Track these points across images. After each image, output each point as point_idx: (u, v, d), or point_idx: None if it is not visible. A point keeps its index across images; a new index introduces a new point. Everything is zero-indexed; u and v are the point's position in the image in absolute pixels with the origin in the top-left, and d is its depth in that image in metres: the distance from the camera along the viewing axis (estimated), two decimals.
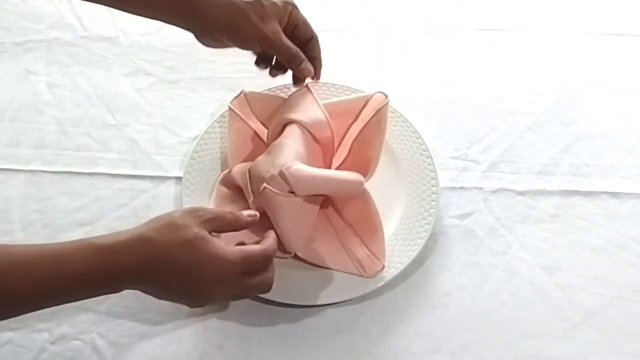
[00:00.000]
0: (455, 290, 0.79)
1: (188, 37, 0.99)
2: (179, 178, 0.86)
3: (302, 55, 0.81)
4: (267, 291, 0.72)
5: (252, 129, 0.86)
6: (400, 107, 0.88)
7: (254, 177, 0.77)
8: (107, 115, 0.92)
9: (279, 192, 0.75)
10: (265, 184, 0.75)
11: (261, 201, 0.77)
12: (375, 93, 0.84)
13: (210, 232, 0.69)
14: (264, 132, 0.86)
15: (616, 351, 0.75)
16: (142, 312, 0.78)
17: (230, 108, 0.86)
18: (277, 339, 0.76)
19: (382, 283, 0.77)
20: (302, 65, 0.81)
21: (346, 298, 0.77)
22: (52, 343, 0.76)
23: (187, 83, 0.95)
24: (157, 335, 0.77)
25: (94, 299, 0.77)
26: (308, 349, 0.76)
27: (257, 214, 0.74)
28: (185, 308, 0.77)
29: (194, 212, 0.69)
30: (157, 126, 0.91)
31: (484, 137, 0.90)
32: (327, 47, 0.85)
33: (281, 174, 0.74)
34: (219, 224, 0.70)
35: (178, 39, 0.99)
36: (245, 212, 0.74)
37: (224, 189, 0.82)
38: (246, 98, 0.86)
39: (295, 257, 0.79)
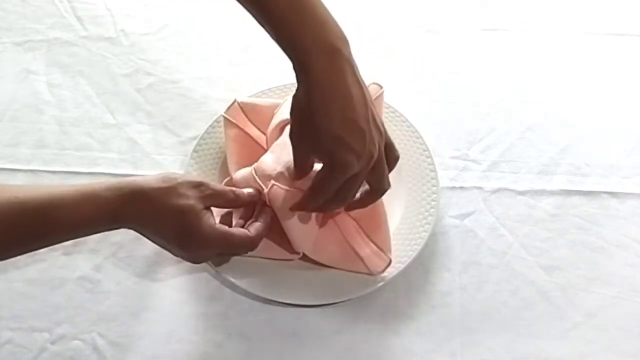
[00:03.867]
0: (455, 290, 0.79)
1: (188, 37, 0.99)
2: None
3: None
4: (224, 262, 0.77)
5: (249, 135, 0.85)
6: (400, 107, 0.88)
7: (260, 176, 0.77)
8: (107, 115, 0.92)
9: (288, 188, 0.75)
10: (273, 181, 0.75)
11: (269, 200, 0.76)
12: (370, 84, 0.85)
13: (208, 207, 0.72)
14: (261, 138, 0.85)
15: (616, 351, 0.76)
16: (142, 312, 0.78)
17: (224, 117, 0.85)
18: (277, 339, 0.76)
19: (382, 283, 0.77)
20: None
21: (346, 298, 0.77)
22: (52, 343, 0.76)
23: (187, 83, 0.95)
24: (157, 335, 0.77)
25: (94, 299, 0.78)
26: (308, 349, 0.76)
27: (257, 193, 0.75)
28: (185, 307, 0.78)
29: (197, 186, 0.71)
30: (157, 126, 0.91)
31: (484, 137, 0.90)
32: None
33: (289, 169, 0.74)
34: (219, 202, 0.73)
35: (178, 39, 0.99)
36: (245, 190, 0.75)
37: None
38: (240, 106, 0.86)
39: (303, 257, 0.78)
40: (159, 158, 0.89)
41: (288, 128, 0.80)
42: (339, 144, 0.67)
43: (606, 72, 0.96)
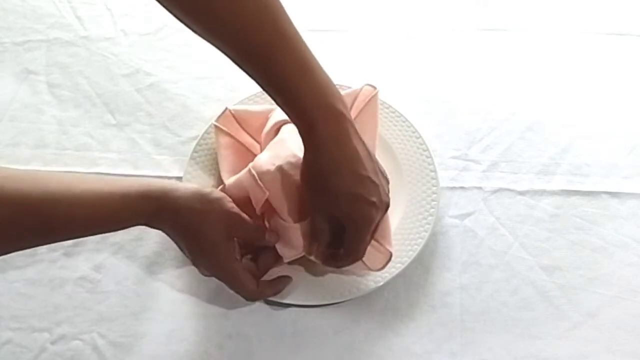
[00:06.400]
0: (455, 290, 0.79)
1: (188, 37, 0.99)
2: (179, 178, 0.86)
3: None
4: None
5: (241, 143, 0.85)
6: (400, 107, 0.88)
7: (258, 173, 0.76)
8: (107, 115, 0.92)
9: (294, 174, 0.75)
10: (281, 164, 0.75)
11: (270, 184, 0.76)
12: (364, 86, 0.85)
13: (233, 237, 0.73)
14: (254, 146, 0.85)
15: (616, 351, 0.76)
16: (142, 312, 0.78)
17: (215, 126, 0.85)
18: (277, 339, 0.76)
19: (382, 283, 0.77)
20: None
21: (346, 298, 0.77)
22: (52, 343, 0.76)
23: (187, 83, 0.95)
24: (157, 335, 0.77)
25: (94, 299, 0.79)
26: (308, 349, 0.76)
27: (278, 237, 0.76)
28: (185, 307, 0.78)
29: (229, 216, 0.72)
30: (157, 126, 0.91)
31: (484, 137, 0.90)
32: (327, 47, 0.85)
33: (289, 163, 0.75)
34: (246, 235, 0.74)
35: (178, 38, 0.99)
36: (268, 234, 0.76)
37: None
38: (232, 114, 0.85)
39: (303, 257, 0.78)
40: (159, 158, 0.89)
41: (284, 128, 0.80)
42: (356, 199, 0.70)
43: (606, 72, 0.96)
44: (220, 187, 0.81)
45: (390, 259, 0.76)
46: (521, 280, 0.80)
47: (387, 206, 0.73)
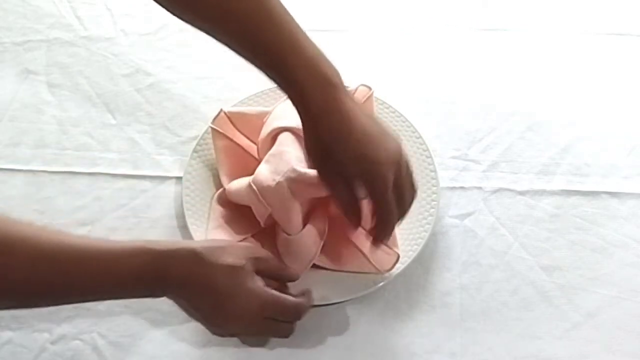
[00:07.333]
0: (455, 290, 0.79)
1: (188, 37, 0.99)
2: (179, 178, 0.86)
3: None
4: (285, 337, 0.73)
5: (239, 145, 0.84)
6: (400, 107, 0.88)
7: (259, 189, 0.76)
8: (107, 115, 0.92)
9: (294, 189, 0.75)
10: (281, 180, 0.75)
11: (271, 200, 0.76)
12: (359, 86, 0.85)
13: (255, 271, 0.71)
14: (251, 147, 0.85)
15: (616, 351, 0.75)
16: (142, 311, 0.78)
17: (212, 128, 0.84)
18: (277, 339, 0.76)
19: (382, 283, 0.77)
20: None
21: (346, 298, 0.77)
22: (53, 343, 0.76)
23: (187, 83, 0.95)
24: (157, 335, 0.77)
25: None
26: (308, 349, 0.76)
27: (299, 274, 0.75)
28: None
29: (247, 248, 0.72)
30: (157, 126, 0.91)
31: (484, 137, 0.90)
32: (327, 47, 0.84)
33: (288, 179, 0.74)
34: (267, 267, 0.72)
35: (178, 38, 0.99)
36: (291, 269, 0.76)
37: (221, 209, 0.82)
38: (227, 116, 0.85)
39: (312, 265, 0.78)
40: (159, 158, 0.89)
41: (281, 137, 0.80)
42: (361, 159, 0.69)
43: (606, 72, 0.96)
44: (220, 190, 0.82)
45: (397, 260, 0.77)
46: (521, 280, 0.80)
47: (397, 160, 0.70)
